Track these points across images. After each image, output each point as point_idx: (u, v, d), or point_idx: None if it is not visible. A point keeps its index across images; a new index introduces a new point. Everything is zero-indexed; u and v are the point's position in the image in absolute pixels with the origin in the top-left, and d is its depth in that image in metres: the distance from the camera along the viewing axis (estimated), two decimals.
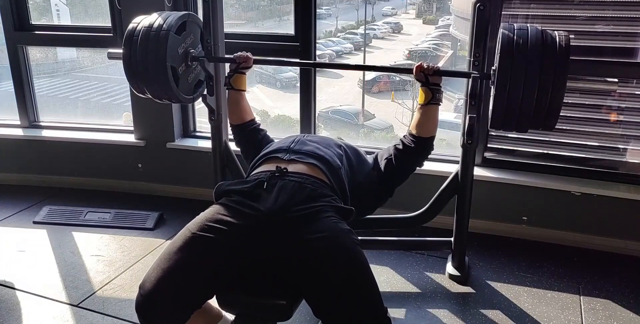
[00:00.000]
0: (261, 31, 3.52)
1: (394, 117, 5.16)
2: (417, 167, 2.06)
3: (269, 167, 1.73)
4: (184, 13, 2.24)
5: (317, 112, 2.98)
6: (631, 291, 2.26)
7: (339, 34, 6.00)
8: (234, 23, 3.53)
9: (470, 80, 2.04)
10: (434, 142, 2.05)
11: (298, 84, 2.88)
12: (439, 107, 2.01)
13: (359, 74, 5.75)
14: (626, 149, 2.53)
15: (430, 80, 1.97)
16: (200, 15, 2.83)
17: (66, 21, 3.58)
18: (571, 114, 2.49)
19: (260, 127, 2.22)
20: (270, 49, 2.93)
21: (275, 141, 2.06)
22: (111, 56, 2.30)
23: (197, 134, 3.20)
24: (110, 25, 3.01)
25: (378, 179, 1.98)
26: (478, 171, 2.53)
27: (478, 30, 2.03)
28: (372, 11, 6.37)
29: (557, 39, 1.76)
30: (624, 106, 2.49)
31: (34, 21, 3.24)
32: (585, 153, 2.56)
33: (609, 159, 2.55)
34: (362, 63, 5.82)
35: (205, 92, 2.37)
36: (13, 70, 3.26)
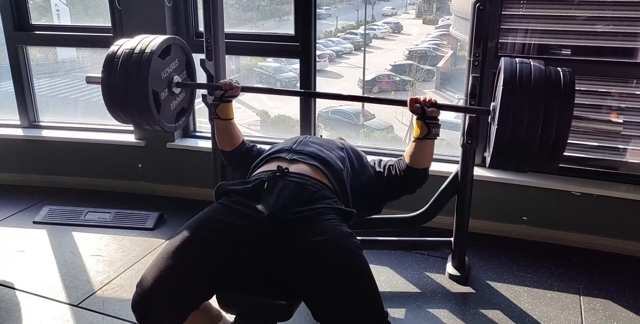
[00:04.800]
0: (261, 31, 3.52)
1: (394, 117, 5.16)
2: (408, 194, 1.98)
3: (271, 167, 1.72)
4: (169, 36, 2.13)
5: (317, 112, 2.98)
6: (631, 291, 2.26)
7: (339, 34, 6.00)
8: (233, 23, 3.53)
9: (471, 79, 2.05)
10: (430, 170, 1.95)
11: (298, 84, 2.88)
12: (435, 140, 1.89)
13: (359, 74, 5.74)
14: (626, 149, 2.53)
15: (428, 113, 1.83)
16: (200, 17, 2.84)
17: (66, 21, 3.58)
18: None
19: (251, 144, 2.11)
20: (270, 49, 2.93)
21: (279, 142, 2.05)
22: (89, 81, 2.14)
23: (197, 134, 3.20)
24: (110, 25, 3.01)
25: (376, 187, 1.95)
26: (478, 171, 2.53)
27: (478, 30, 2.03)
28: (372, 11, 6.37)
29: (562, 76, 1.65)
30: (624, 106, 2.49)
31: (34, 21, 3.24)
32: (585, 153, 2.56)
33: (609, 159, 2.55)
34: (362, 63, 5.82)
35: (202, 94, 2.35)
36: (13, 70, 3.26)
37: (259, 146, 2.09)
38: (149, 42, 2.04)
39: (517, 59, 1.74)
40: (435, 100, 1.85)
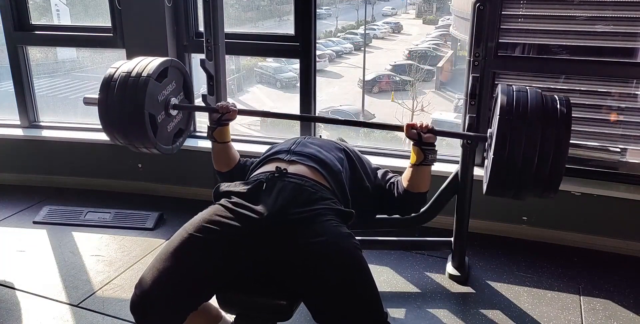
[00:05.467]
0: (261, 31, 3.52)
1: (394, 117, 5.16)
2: (400, 216, 1.98)
3: (269, 168, 1.72)
4: (166, 59, 2.12)
5: (317, 112, 2.98)
6: (631, 291, 2.26)
7: (339, 34, 6.01)
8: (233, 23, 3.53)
9: (471, 79, 2.05)
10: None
11: (298, 84, 2.88)
12: (432, 166, 1.87)
13: (359, 74, 5.75)
14: (626, 149, 2.53)
15: (424, 139, 1.82)
16: (200, 17, 2.84)
17: (66, 21, 3.58)
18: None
19: (244, 160, 2.06)
20: (270, 49, 2.93)
21: (279, 142, 2.04)
22: (87, 101, 2.15)
23: (197, 134, 3.20)
24: (110, 25, 3.01)
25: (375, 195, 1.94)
26: (478, 171, 2.53)
27: (478, 30, 2.03)
28: (372, 11, 6.38)
29: (558, 104, 1.65)
30: (624, 106, 2.49)
31: (34, 21, 3.24)
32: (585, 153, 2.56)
33: (609, 159, 2.55)
34: (362, 63, 5.82)
35: (202, 94, 2.35)
36: (13, 70, 3.26)
37: (252, 159, 2.04)
38: (145, 65, 2.03)
39: (514, 87, 1.73)
40: (431, 126, 1.84)
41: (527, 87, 1.73)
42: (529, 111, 1.62)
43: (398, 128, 1.92)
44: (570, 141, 1.63)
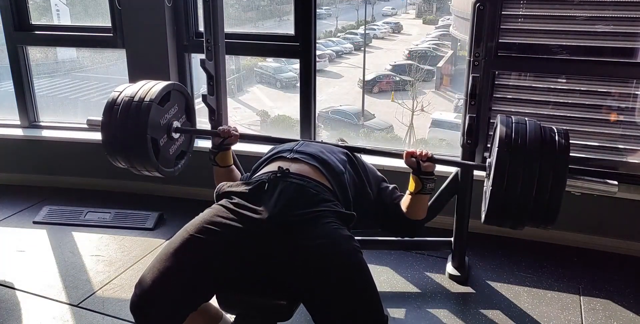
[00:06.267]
0: (261, 31, 3.52)
1: (394, 117, 5.16)
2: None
3: (272, 168, 1.72)
4: (169, 83, 2.14)
5: (317, 112, 2.98)
6: (631, 291, 2.26)
7: (339, 34, 6.01)
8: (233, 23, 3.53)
9: (471, 79, 2.04)
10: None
11: (298, 84, 2.88)
12: (429, 195, 1.89)
13: (359, 74, 5.75)
14: (626, 149, 2.53)
15: (423, 168, 1.83)
16: (200, 17, 2.84)
17: (66, 21, 3.58)
18: (571, 114, 2.49)
19: (244, 177, 2.04)
20: (270, 49, 2.93)
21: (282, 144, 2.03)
22: (90, 124, 2.19)
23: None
24: (110, 25, 3.01)
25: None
26: (478, 171, 2.53)
27: (478, 30, 2.03)
28: (372, 11, 6.38)
29: (557, 136, 1.67)
30: (623, 106, 2.49)
31: (34, 21, 3.24)
32: (585, 153, 2.56)
33: (609, 159, 2.55)
34: (362, 63, 5.82)
35: (202, 94, 2.35)
36: (13, 70, 3.27)
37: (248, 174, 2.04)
38: (148, 89, 2.04)
39: (512, 118, 1.74)
40: (431, 154, 1.85)
41: (526, 119, 1.74)
42: (528, 142, 1.64)
43: (398, 156, 1.92)
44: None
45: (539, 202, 1.62)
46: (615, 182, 1.83)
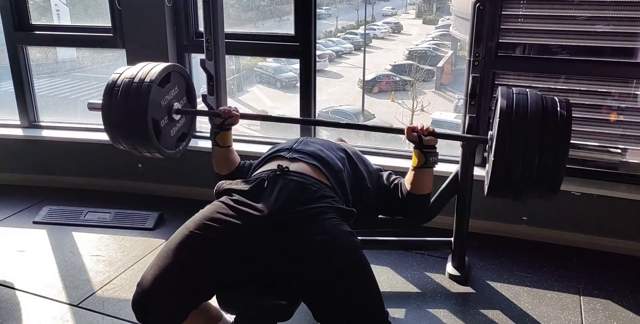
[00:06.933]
0: (261, 31, 3.52)
1: (394, 117, 5.17)
2: (404, 218, 2.00)
3: (271, 166, 1.72)
4: (169, 64, 2.14)
5: (317, 112, 2.98)
6: (631, 291, 2.26)
7: (339, 34, 6.01)
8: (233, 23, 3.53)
9: (471, 79, 2.04)
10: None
11: (298, 84, 2.88)
12: (434, 168, 1.90)
13: (359, 74, 5.75)
14: (626, 149, 2.53)
15: (425, 142, 1.85)
16: (200, 17, 2.84)
17: (66, 21, 3.58)
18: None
19: (243, 162, 2.09)
20: (270, 49, 2.93)
21: (280, 142, 2.05)
22: (91, 107, 2.19)
23: (197, 134, 3.20)
24: (110, 25, 3.01)
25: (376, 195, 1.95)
26: (478, 171, 2.53)
27: (478, 30, 2.03)
28: (372, 11, 6.38)
29: (558, 106, 1.66)
30: (623, 106, 2.49)
31: (34, 21, 3.24)
32: (585, 153, 2.56)
33: (609, 159, 2.54)
34: (362, 63, 5.82)
35: (202, 94, 2.35)
36: (13, 70, 3.26)
37: (251, 161, 2.06)
38: (148, 70, 2.05)
39: (514, 90, 1.74)
40: (432, 128, 1.85)
41: (527, 90, 1.74)
42: (529, 113, 1.64)
43: (399, 131, 1.93)
44: (571, 141, 1.64)
45: (541, 172, 1.61)
46: (619, 150, 1.83)
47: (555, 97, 1.71)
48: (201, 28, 2.76)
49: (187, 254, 1.49)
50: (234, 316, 1.61)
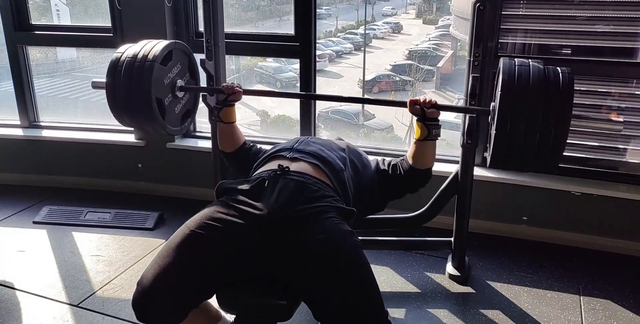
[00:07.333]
0: (261, 31, 3.52)
1: (394, 117, 5.16)
2: (410, 194, 1.99)
3: (272, 166, 1.72)
4: (170, 42, 2.14)
5: (317, 112, 2.98)
6: (631, 291, 2.26)
7: (339, 34, 6.00)
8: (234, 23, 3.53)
9: (471, 79, 2.04)
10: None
11: (298, 84, 2.88)
12: (436, 141, 1.90)
13: (359, 74, 5.75)
14: (626, 149, 2.53)
15: (427, 114, 1.84)
16: (200, 17, 2.84)
17: (66, 21, 3.58)
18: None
19: (251, 144, 2.10)
20: (270, 49, 2.93)
21: (280, 142, 2.05)
22: (95, 85, 2.20)
23: (197, 134, 3.20)
24: (110, 25, 3.01)
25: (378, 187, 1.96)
26: (478, 171, 2.53)
27: (478, 30, 2.03)
28: (372, 11, 6.38)
29: (560, 76, 1.66)
30: (624, 106, 2.49)
31: (34, 21, 3.24)
32: (585, 153, 2.56)
33: (609, 159, 2.55)
34: (362, 63, 5.82)
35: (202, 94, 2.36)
36: (13, 70, 3.26)
37: (259, 145, 2.09)
38: (150, 48, 2.05)
39: (516, 60, 1.74)
40: (435, 101, 1.85)
41: (530, 61, 1.74)
42: (531, 83, 1.65)
43: (402, 104, 1.93)
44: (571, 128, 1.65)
45: (543, 141, 1.62)
46: (621, 119, 1.83)
47: (558, 68, 1.71)
48: (201, 28, 2.76)
49: (188, 254, 1.49)
50: (234, 316, 1.61)
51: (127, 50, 2.08)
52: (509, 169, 1.79)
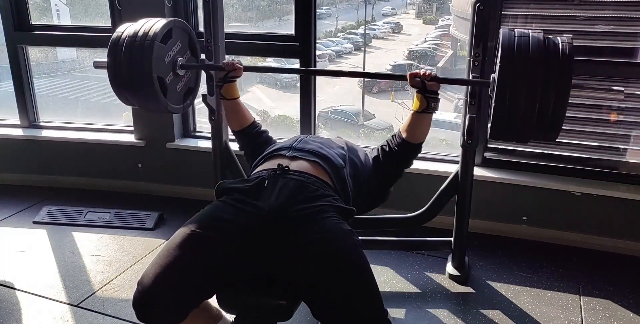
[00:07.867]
0: (261, 31, 3.52)
1: (394, 117, 5.16)
2: (405, 168, 2.01)
3: (271, 165, 1.73)
4: (170, 20, 2.15)
5: (317, 112, 2.98)
6: (631, 291, 2.26)
7: (339, 34, 6.00)
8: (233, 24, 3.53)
9: None
10: (427, 141, 1.99)
11: (298, 84, 2.88)
12: (433, 114, 1.93)
13: None
14: (626, 149, 2.53)
15: (428, 87, 1.88)
16: (200, 16, 2.84)
17: (66, 21, 3.58)
18: (571, 114, 2.49)
19: (262, 128, 2.18)
20: (270, 49, 2.93)
21: (279, 141, 2.06)
22: (97, 65, 2.20)
23: (197, 134, 3.20)
24: (110, 25, 3.00)
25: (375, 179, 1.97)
26: (478, 171, 2.53)
27: (478, 30, 2.03)
28: (372, 11, 6.37)
29: (560, 46, 1.66)
30: (624, 106, 2.49)
31: (34, 21, 3.24)
32: (585, 153, 2.56)
33: (609, 159, 2.55)
34: (362, 63, 5.81)
35: (202, 94, 2.36)
36: (13, 70, 3.26)
37: (269, 134, 2.15)
38: (150, 27, 2.06)
39: (515, 31, 1.74)
40: (435, 73, 1.88)
41: (530, 31, 1.74)
42: (530, 53, 1.65)
43: (402, 77, 1.96)
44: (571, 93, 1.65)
45: (542, 112, 1.63)
46: (622, 89, 1.84)
47: (558, 37, 1.71)
48: (201, 28, 2.75)
49: (188, 253, 1.49)
50: (234, 316, 1.61)
51: (127, 29, 2.09)
52: (509, 139, 1.79)
